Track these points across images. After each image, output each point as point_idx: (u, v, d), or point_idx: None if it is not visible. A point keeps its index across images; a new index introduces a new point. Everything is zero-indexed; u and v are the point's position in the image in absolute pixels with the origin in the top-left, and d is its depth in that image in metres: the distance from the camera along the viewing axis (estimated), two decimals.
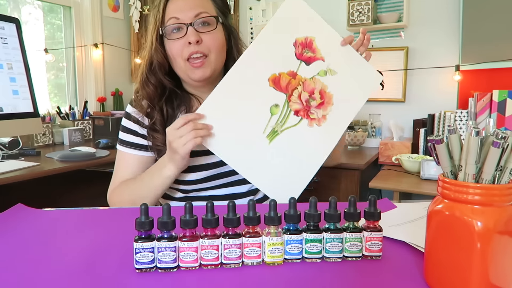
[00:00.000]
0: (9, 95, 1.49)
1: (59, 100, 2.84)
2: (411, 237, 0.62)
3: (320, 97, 0.89)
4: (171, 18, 0.92)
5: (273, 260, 0.55)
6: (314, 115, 0.89)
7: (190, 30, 0.91)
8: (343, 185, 1.99)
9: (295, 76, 0.88)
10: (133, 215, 0.56)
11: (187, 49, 0.92)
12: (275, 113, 0.88)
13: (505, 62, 2.08)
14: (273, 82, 0.88)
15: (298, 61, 0.88)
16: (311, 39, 0.89)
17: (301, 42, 0.89)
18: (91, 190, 2.35)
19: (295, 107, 0.88)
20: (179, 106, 1.01)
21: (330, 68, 0.89)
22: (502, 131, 0.42)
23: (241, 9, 2.86)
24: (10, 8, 2.49)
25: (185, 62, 0.93)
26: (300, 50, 0.88)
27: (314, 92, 0.89)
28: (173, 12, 0.93)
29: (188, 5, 0.93)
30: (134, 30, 3.10)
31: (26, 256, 0.59)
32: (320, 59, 0.89)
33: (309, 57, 0.89)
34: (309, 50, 0.89)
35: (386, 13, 2.34)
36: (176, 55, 0.93)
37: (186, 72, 0.95)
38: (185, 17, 0.92)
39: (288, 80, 0.88)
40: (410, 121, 2.27)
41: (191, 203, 0.54)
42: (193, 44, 0.91)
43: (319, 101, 0.89)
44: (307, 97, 0.89)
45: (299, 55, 0.88)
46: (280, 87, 0.88)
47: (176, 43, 0.93)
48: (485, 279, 0.43)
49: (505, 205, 0.44)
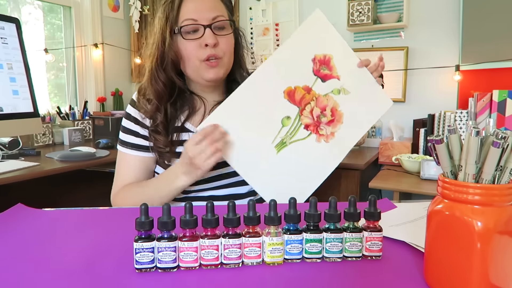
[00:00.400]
0: (9, 95, 1.49)
1: (59, 100, 2.84)
2: (411, 237, 0.62)
3: (331, 115, 0.91)
4: (188, 19, 0.91)
5: (273, 260, 0.55)
6: (323, 131, 0.91)
7: (208, 32, 0.91)
8: (343, 185, 1.99)
9: (309, 91, 0.90)
10: (133, 215, 0.56)
11: (203, 51, 0.92)
12: (286, 125, 0.89)
13: (505, 62, 2.08)
14: (288, 94, 0.89)
15: (315, 77, 0.91)
16: (329, 56, 0.91)
17: (319, 59, 0.91)
18: (91, 190, 2.35)
19: (305, 121, 0.90)
20: (182, 107, 1.00)
21: (344, 87, 0.92)
22: (502, 131, 0.42)
23: (241, 9, 2.86)
24: (10, 8, 2.49)
25: (201, 62, 0.92)
26: (318, 67, 0.90)
27: (326, 109, 0.91)
28: (190, 13, 0.91)
29: (205, 7, 0.92)
30: (134, 30, 3.10)
31: (26, 256, 0.59)
32: (335, 78, 0.91)
33: (325, 74, 0.91)
34: (326, 67, 0.91)
35: (386, 13, 2.34)
36: (190, 55, 0.93)
37: (199, 72, 0.94)
38: (202, 18, 0.91)
39: (303, 95, 0.90)
40: (410, 121, 2.28)
41: (191, 203, 0.54)
42: (209, 46, 0.91)
43: (330, 118, 0.91)
44: (318, 113, 0.91)
45: (316, 71, 0.90)
46: (294, 100, 0.90)
47: (191, 43, 0.92)
48: (485, 279, 0.43)
49: (505, 205, 0.44)
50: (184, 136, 0.98)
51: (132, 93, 3.54)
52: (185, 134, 0.98)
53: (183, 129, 0.99)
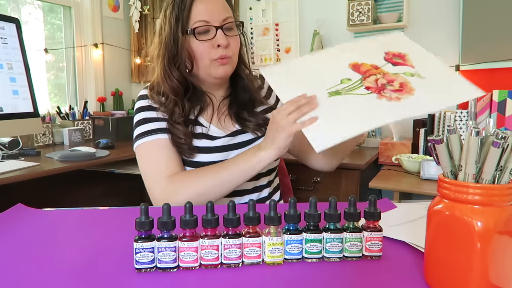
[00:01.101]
0: (9, 95, 1.49)
1: (59, 100, 2.84)
2: (411, 237, 0.62)
3: (400, 86, 0.76)
4: (200, 21, 0.93)
5: (273, 260, 0.55)
6: (387, 94, 0.75)
7: (220, 33, 0.94)
8: (343, 185, 1.99)
9: (377, 68, 0.80)
10: (133, 215, 0.56)
11: (215, 51, 0.95)
12: (345, 83, 0.79)
13: (505, 62, 2.08)
14: (353, 66, 0.81)
15: (385, 62, 0.81)
16: (404, 53, 0.83)
17: (393, 53, 0.83)
18: (91, 190, 2.35)
19: (367, 85, 0.77)
20: (195, 102, 1.02)
21: (418, 73, 0.79)
22: (502, 131, 0.42)
23: (241, 9, 2.86)
24: (10, 8, 2.49)
25: (211, 61, 0.96)
26: (390, 56, 0.83)
27: (394, 82, 0.77)
28: (201, 15, 0.93)
29: (216, 8, 0.95)
30: (134, 30, 3.10)
31: (26, 256, 0.59)
32: (409, 66, 0.80)
33: (397, 62, 0.81)
34: (400, 59, 0.82)
35: (386, 13, 2.34)
36: (202, 55, 0.95)
37: (209, 70, 0.97)
38: (214, 20, 0.94)
39: (369, 69, 0.80)
40: (410, 121, 2.27)
41: (191, 203, 0.54)
42: (221, 47, 0.94)
43: (397, 87, 0.76)
44: (384, 82, 0.77)
45: (388, 59, 0.82)
46: (359, 70, 0.80)
47: (204, 44, 0.95)
48: (485, 279, 0.43)
49: (505, 205, 0.44)
50: (198, 129, 1.01)
51: (132, 93, 3.52)
52: (199, 127, 1.01)
53: (196, 123, 1.01)
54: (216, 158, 0.99)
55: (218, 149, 1.00)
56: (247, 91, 1.06)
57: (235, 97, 1.07)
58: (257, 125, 1.04)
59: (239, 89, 1.07)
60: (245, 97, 1.06)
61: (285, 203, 0.92)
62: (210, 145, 1.00)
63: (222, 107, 1.06)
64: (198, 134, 1.00)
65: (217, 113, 1.04)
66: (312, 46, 2.55)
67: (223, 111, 1.05)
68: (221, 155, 0.99)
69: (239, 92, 1.07)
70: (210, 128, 1.01)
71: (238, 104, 1.06)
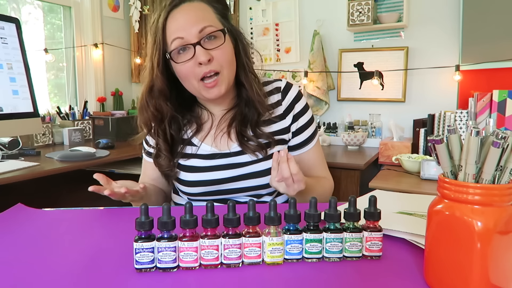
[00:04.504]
0: (9, 95, 1.49)
1: (59, 100, 2.84)
2: (411, 228, 0.61)
3: None
4: (175, 39, 0.86)
5: (273, 260, 0.55)
6: None
7: (199, 49, 0.85)
8: (343, 185, 1.99)
9: None
10: (133, 215, 0.56)
11: (199, 70, 0.86)
12: None
13: (505, 62, 2.08)
14: None
15: None
16: None
17: None
18: None
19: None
20: (189, 123, 0.99)
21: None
22: (502, 131, 0.42)
23: (241, 9, 2.86)
24: (10, 8, 2.48)
25: (199, 82, 0.88)
26: None
27: None
28: (176, 32, 0.86)
29: (189, 21, 0.86)
30: (134, 30, 3.10)
31: (26, 256, 0.59)
32: None
33: None
34: None
35: (386, 13, 2.34)
36: (187, 76, 0.88)
37: (200, 92, 0.90)
38: (189, 35, 0.85)
39: None
40: (410, 121, 2.27)
41: (191, 203, 0.54)
42: (204, 64, 0.86)
43: None
44: None
45: None
46: None
47: (185, 66, 0.87)
48: (485, 279, 0.43)
49: (505, 205, 0.44)
50: (187, 150, 0.97)
51: (132, 93, 3.51)
52: (189, 147, 0.97)
53: (189, 143, 0.98)
54: (204, 177, 0.95)
55: (207, 169, 0.94)
56: (251, 102, 0.95)
57: (238, 109, 0.97)
58: (259, 146, 0.94)
59: (242, 102, 0.97)
60: (249, 111, 0.96)
61: (285, 203, 0.92)
62: (198, 164, 0.95)
63: (222, 123, 0.98)
64: (187, 154, 0.97)
65: (216, 130, 0.97)
66: (312, 46, 2.55)
67: (222, 128, 0.97)
68: (210, 174, 0.94)
69: (243, 106, 0.97)
70: (200, 147, 0.96)
71: (241, 120, 0.96)
